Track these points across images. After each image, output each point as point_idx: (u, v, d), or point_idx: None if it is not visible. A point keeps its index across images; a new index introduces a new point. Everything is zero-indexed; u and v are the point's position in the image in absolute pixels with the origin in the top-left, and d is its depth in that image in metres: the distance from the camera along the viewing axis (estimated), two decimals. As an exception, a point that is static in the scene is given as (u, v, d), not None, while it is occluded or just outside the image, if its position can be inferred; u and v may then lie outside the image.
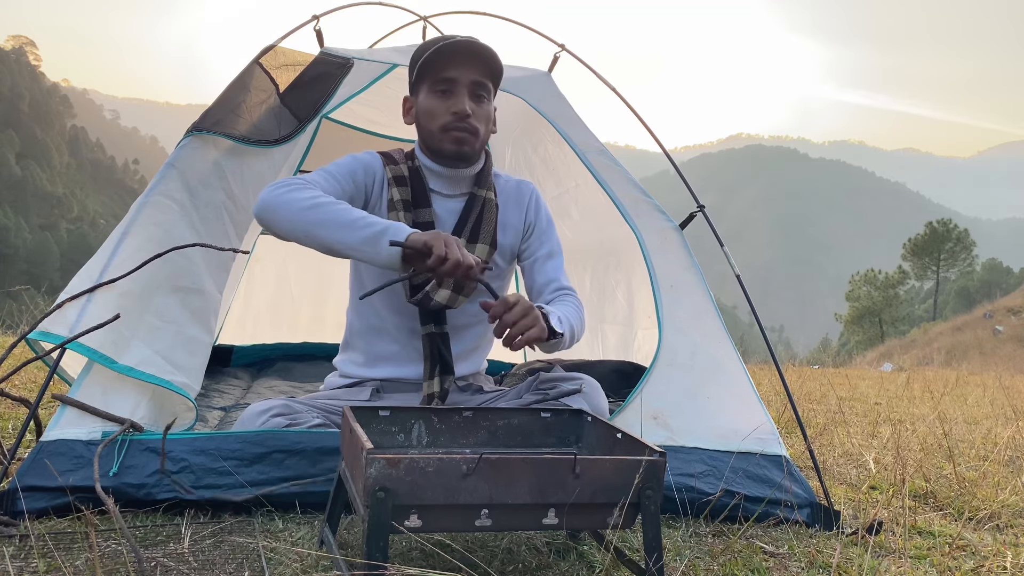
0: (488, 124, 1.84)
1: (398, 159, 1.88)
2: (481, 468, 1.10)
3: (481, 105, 1.80)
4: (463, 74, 1.76)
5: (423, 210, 1.84)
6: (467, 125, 1.77)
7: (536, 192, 2.01)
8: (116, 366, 1.63)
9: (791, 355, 11.80)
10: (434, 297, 1.80)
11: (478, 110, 1.79)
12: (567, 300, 1.86)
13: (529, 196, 1.98)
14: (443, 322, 1.86)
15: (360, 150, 3.87)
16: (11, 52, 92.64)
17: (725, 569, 1.47)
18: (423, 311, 1.84)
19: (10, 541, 1.36)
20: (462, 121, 1.77)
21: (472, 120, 1.78)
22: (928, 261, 50.25)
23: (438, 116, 1.78)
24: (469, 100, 1.77)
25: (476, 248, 1.85)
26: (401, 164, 1.87)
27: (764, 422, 1.96)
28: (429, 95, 1.79)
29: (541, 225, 1.97)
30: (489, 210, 1.88)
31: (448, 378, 1.86)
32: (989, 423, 4.07)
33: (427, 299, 1.80)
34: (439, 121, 1.78)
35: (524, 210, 1.96)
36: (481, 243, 1.86)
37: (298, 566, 1.29)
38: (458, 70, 1.76)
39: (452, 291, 1.80)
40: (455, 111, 1.76)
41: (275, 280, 3.78)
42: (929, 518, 1.96)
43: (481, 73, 1.78)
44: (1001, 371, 11.37)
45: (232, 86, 2.02)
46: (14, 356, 2.98)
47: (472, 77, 1.77)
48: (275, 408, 1.73)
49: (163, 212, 1.82)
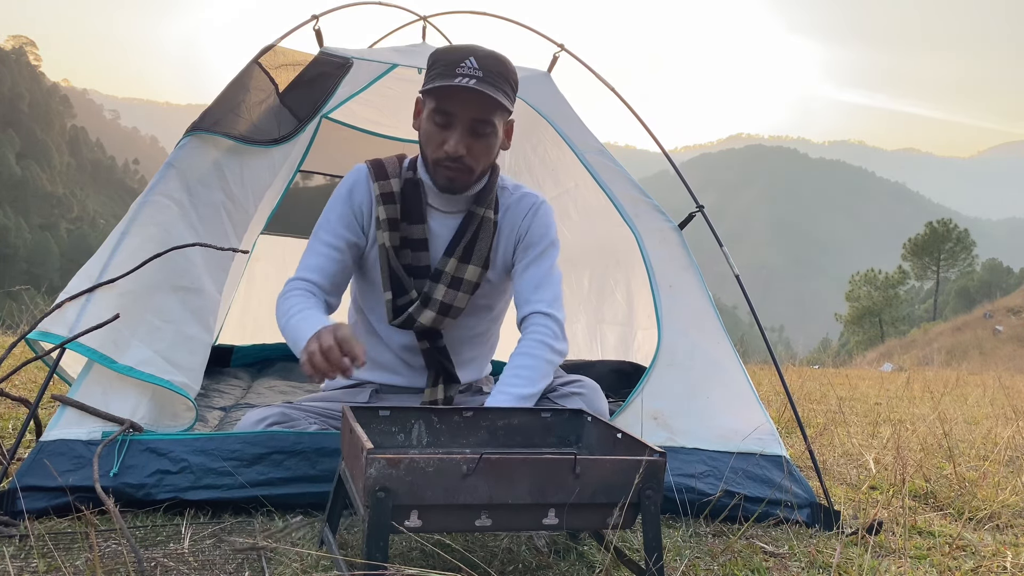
0: (489, 155, 1.74)
1: (390, 172, 1.81)
2: (481, 468, 1.10)
3: (479, 140, 1.69)
4: (463, 112, 1.65)
5: (416, 226, 1.78)
6: (459, 164, 1.68)
7: (537, 206, 1.89)
8: (116, 366, 1.63)
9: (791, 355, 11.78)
10: (418, 319, 1.77)
11: (476, 145, 1.69)
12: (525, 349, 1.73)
13: (528, 208, 1.87)
14: (438, 338, 1.83)
15: (360, 150, 3.87)
16: (11, 52, 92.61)
17: (725, 569, 1.47)
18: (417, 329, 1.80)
19: (10, 541, 1.36)
20: (454, 162, 1.68)
21: (465, 159, 1.68)
22: (928, 261, 50.24)
23: (434, 146, 1.69)
24: (467, 137, 1.67)
25: (468, 269, 1.79)
26: (393, 178, 1.79)
27: (764, 422, 1.96)
28: (429, 118, 1.69)
29: (531, 238, 1.85)
30: (485, 230, 1.80)
31: (453, 386, 1.86)
32: (989, 423, 4.07)
33: (410, 320, 1.77)
34: (433, 153, 1.70)
35: (517, 224, 1.86)
36: (473, 264, 1.80)
37: (298, 566, 1.29)
38: (459, 108, 1.65)
39: (437, 313, 1.77)
40: (447, 150, 1.67)
41: (275, 280, 3.76)
42: (929, 518, 1.96)
43: (484, 112, 1.66)
44: (1001, 371, 11.36)
45: (232, 86, 2.02)
46: (14, 356, 2.98)
47: (472, 115, 1.65)
48: (272, 416, 1.72)
49: (162, 212, 1.82)
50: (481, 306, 1.89)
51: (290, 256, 3.77)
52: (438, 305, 1.77)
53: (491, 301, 1.91)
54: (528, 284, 1.81)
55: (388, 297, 1.78)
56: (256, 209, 2.07)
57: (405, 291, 1.78)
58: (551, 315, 1.77)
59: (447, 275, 1.78)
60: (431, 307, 1.77)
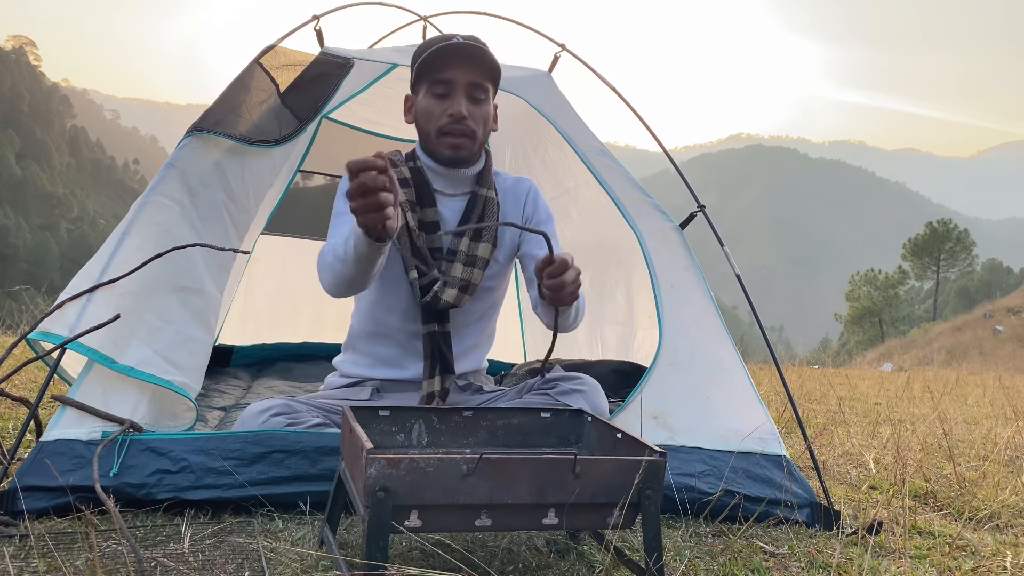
0: (486, 125, 1.85)
1: (397, 161, 1.89)
2: (481, 468, 1.10)
3: (478, 106, 1.80)
4: (460, 75, 1.76)
5: (428, 210, 1.86)
6: (463, 127, 1.78)
7: (534, 187, 2.02)
8: (116, 366, 1.63)
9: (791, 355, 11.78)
10: (442, 297, 1.82)
11: (475, 111, 1.80)
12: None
13: (527, 192, 2.00)
14: (446, 320, 1.88)
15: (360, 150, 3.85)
16: (11, 52, 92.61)
17: (725, 569, 1.47)
18: (427, 310, 1.85)
19: (10, 541, 1.36)
20: (458, 123, 1.77)
21: (468, 122, 1.78)
22: (928, 261, 50.26)
23: (435, 117, 1.79)
24: (466, 102, 1.78)
25: (480, 246, 1.87)
26: (402, 166, 1.88)
27: (764, 422, 1.96)
28: (427, 96, 1.80)
29: (539, 218, 1.98)
30: (491, 209, 1.90)
31: (449, 377, 1.87)
32: (989, 423, 4.07)
33: (435, 299, 1.82)
34: (436, 123, 1.79)
35: (522, 206, 1.98)
36: (484, 242, 1.88)
37: (298, 566, 1.29)
38: (455, 71, 1.76)
39: (459, 291, 1.83)
40: (451, 112, 1.77)
41: (275, 280, 3.77)
42: (929, 518, 1.96)
43: (478, 74, 1.78)
44: (1001, 371, 11.37)
45: (232, 86, 2.02)
46: (14, 356, 2.98)
47: (469, 78, 1.77)
48: (275, 407, 1.73)
49: (163, 212, 1.82)
50: (485, 288, 1.94)
51: (290, 256, 3.77)
52: (458, 282, 1.83)
53: (494, 283, 1.98)
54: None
55: (414, 276, 1.83)
56: (257, 209, 2.07)
57: (429, 269, 1.84)
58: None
59: (461, 253, 1.86)
60: (451, 284, 1.83)
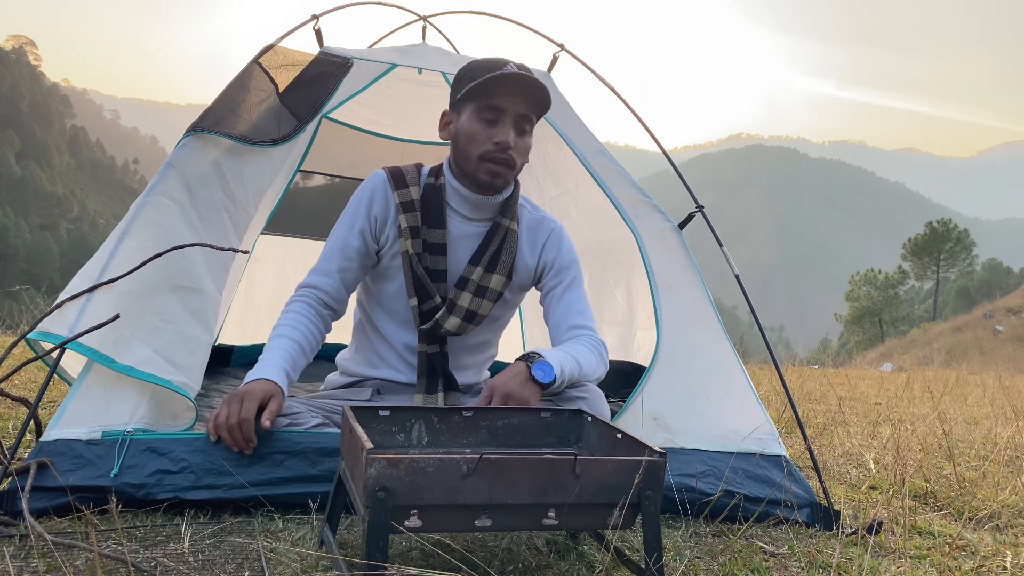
0: (526, 156, 1.81)
1: (409, 180, 1.84)
2: (481, 468, 1.10)
3: (523, 138, 1.77)
4: (512, 105, 1.72)
5: (436, 231, 1.82)
6: (507, 157, 1.74)
7: (559, 230, 1.95)
8: (116, 366, 1.62)
9: (791, 355, 11.79)
10: (444, 325, 1.81)
11: (520, 143, 1.76)
12: (580, 339, 1.83)
13: (548, 234, 1.93)
14: (444, 343, 1.87)
15: (360, 150, 3.87)
16: (11, 52, 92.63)
17: (725, 569, 1.47)
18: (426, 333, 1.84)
19: (10, 541, 1.36)
20: (503, 152, 1.73)
21: (512, 152, 1.75)
22: (928, 261, 50.28)
23: (479, 143, 1.74)
24: (513, 132, 1.74)
25: (492, 278, 1.84)
26: (412, 186, 1.83)
27: (764, 422, 1.96)
28: (473, 119, 1.75)
29: (562, 262, 1.91)
30: (511, 241, 1.86)
31: (453, 395, 1.88)
32: (989, 423, 4.07)
33: (437, 327, 1.81)
34: (479, 148, 1.74)
35: (539, 252, 1.92)
36: (498, 274, 1.84)
37: (298, 566, 1.29)
38: (508, 100, 1.72)
39: (463, 320, 1.82)
40: (497, 141, 1.72)
41: (275, 280, 3.78)
42: (929, 518, 1.96)
43: (529, 107, 1.75)
44: (1001, 371, 11.36)
45: (232, 86, 2.02)
46: (14, 356, 2.98)
47: (520, 110, 1.73)
48: None
49: (163, 212, 1.82)
50: (491, 318, 1.92)
51: (290, 256, 3.77)
52: (464, 312, 1.82)
53: (502, 311, 1.95)
54: (570, 310, 1.87)
55: (414, 303, 1.82)
56: (256, 209, 2.07)
57: (429, 296, 1.82)
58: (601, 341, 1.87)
59: (472, 283, 1.83)
60: (456, 313, 1.81)
